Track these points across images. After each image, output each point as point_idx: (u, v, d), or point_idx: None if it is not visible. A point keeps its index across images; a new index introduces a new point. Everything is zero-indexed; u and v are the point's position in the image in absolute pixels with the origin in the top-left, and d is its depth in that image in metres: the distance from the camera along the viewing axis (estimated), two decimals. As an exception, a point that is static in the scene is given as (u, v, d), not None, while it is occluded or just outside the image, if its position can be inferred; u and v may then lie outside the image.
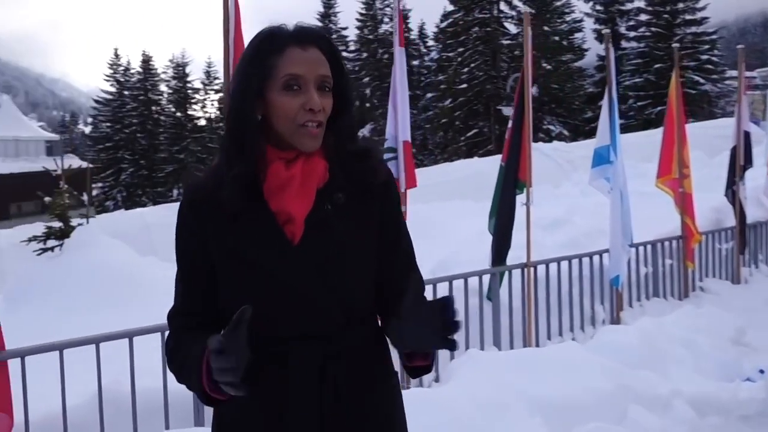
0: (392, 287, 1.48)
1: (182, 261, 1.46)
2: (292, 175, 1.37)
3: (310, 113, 1.36)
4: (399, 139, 4.04)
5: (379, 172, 1.49)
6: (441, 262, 6.58)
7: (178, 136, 49.83)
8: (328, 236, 1.40)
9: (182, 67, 51.73)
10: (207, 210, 1.40)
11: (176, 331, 1.46)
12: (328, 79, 1.39)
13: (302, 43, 1.38)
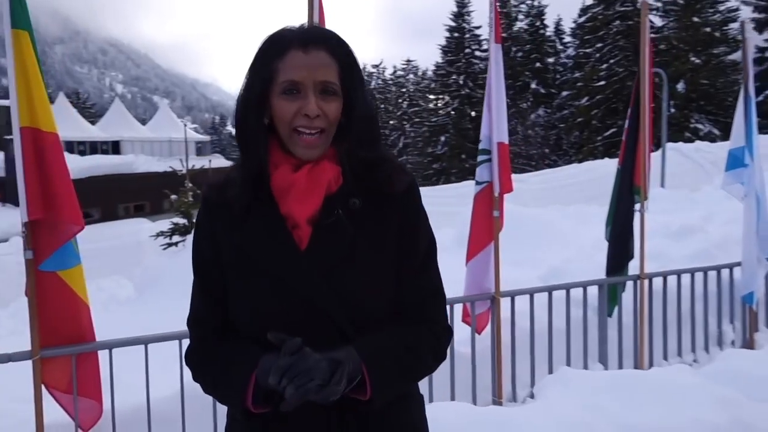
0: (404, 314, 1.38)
1: (198, 266, 1.44)
2: (296, 179, 1.34)
3: (306, 119, 1.31)
4: (493, 141, 3.84)
5: (396, 181, 1.39)
6: (553, 269, 6.26)
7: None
8: (337, 242, 1.33)
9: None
10: (218, 211, 1.39)
11: (201, 341, 1.42)
12: (330, 84, 1.33)
13: (305, 46, 1.33)
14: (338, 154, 1.36)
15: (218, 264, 1.40)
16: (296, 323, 1.29)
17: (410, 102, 52.43)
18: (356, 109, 1.36)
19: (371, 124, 1.40)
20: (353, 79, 1.37)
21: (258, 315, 1.33)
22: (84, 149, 38.08)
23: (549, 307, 4.23)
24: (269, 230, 1.35)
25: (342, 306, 1.31)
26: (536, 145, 38.93)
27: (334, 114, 1.33)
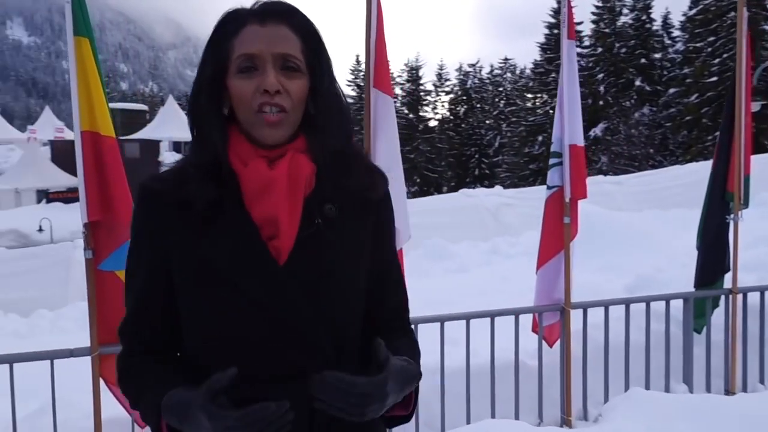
0: (378, 320, 1.29)
1: (134, 277, 1.26)
2: (275, 177, 1.15)
3: (266, 95, 1.15)
4: (565, 143, 3.62)
5: (372, 188, 1.26)
6: (640, 277, 5.89)
7: (409, 136, 51.91)
8: (318, 256, 1.19)
9: (416, 70, 53.77)
10: (168, 212, 1.19)
11: (128, 355, 1.27)
12: (292, 58, 1.18)
13: (263, 19, 1.19)
14: (310, 146, 1.20)
15: (162, 276, 1.21)
16: (271, 351, 1.17)
17: (507, 101, 51.47)
18: (323, 92, 1.21)
19: (341, 113, 1.24)
20: (319, 58, 1.21)
21: (223, 338, 1.17)
22: (190, 149, 40.02)
23: (626, 320, 3.95)
24: (241, 241, 1.17)
25: (321, 325, 1.19)
26: (639, 145, 37.15)
27: (297, 92, 1.18)
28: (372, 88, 3.16)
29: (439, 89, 54.47)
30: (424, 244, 9.42)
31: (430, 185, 48.43)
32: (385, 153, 3.18)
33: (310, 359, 1.18)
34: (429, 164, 51.34)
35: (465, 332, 3.57)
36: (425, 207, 12.54)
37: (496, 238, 9.63)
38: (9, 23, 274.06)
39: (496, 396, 3.60)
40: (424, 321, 3.48)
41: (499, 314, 3.67)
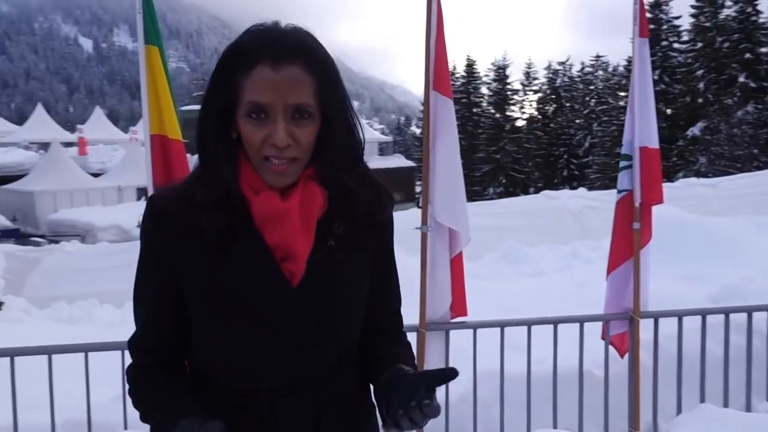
0: (378, 332, 1.36)
1: (145, 289, 1.27)
2: (287, 209, 1.18)
3: (274, 149, 1.14)
4: (635, 145, 3.47)
5: (379, 211, 1.29)
6: (726, 287, 5.56)
7: (495, 136, 51.27)
8: (331, 278, 1.24)
9: (503, 69, 53.01)
10: (181, 230, 1.21)
11: (141, 372, 1.29)
12: (305, 106, 1.15)
13: (276, 61, 1.13)
14: (321, 176, 1.22)
15: (171, 293, 1.24)
16: (281, 366, 1.22)
17: (598, 100, 49.78)
18: (336, 128, 1.20)
19: (353, 143, 1.25)
20: (333, 96, 1.19)
21: (241, 359, 1.21)
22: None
23: (702, 331, 3.74)
24: (255, 264, 1.19)
25: (328, 341, 1.24)
26: (742, 146, 35.00)
27: (307, 140, 1.17)
28: (432, 91, 3.15)
29: (526, 88, 53.44)
30: (501, 247, 9.28)
31: (516, 186, 47.59)
32: (444, 156, 3.16)
33: (314, 372, 1.24)
34: (515, 165, 50.46)
35: (526, 338, 3.50)
36: (504, 209, 12.35)
37: (577, 242, 9.34)
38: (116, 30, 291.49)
39: (558, 405, 3.51)
40: (484, 326, 3.44)
41: (563, 321, 3.57)
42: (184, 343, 1.28)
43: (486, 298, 6.55)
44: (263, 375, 1.22)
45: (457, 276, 3.29)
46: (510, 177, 50.17)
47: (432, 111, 3.17)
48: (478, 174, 51.19)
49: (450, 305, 3.30)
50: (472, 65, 53.68)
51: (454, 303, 3.32)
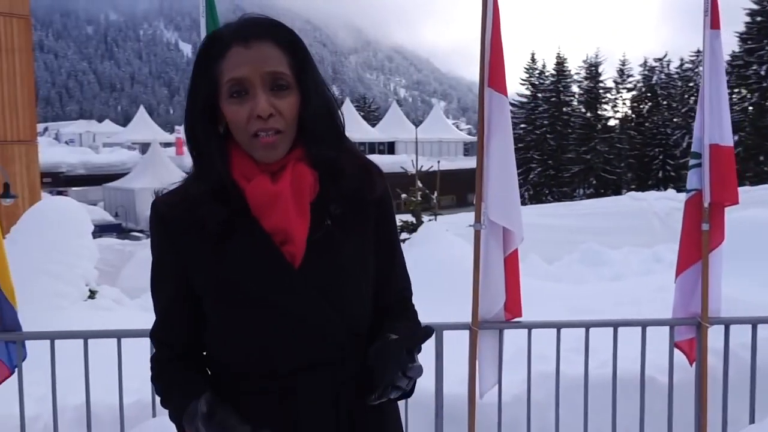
0: (386, 307, 1.39)
1: (159, 288, 1.35)
2: (280, 190, 1.23)
3: (260, 121, 1.19)
4: (705, 143, 3.30)
5: (370, 188, 1.32)
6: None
7: (586, 136, 49.73)
8: (331, 256, 1.28)
9: (595, 66, 51.34)
10: (183, 230, 1.27)
11: (160, 363, 1.38)
12: (280, 75, 1.21)
13: (246, 40, 1.21)
14: (309, 156, 1.25)
15: (183, 289, 1.30)
16: (296, 347, 1.26)
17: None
18: (314, 101, 1.24)
19: (332, 118, 1.28)
20: (306, 68, 1.24)
21: (254, 345, 1.26)
22: (364, 149, 41.84)
23: (779, 341, 3.52)
24: (257, 250, 1.24)
25: (340, 320, 1.28)
26: None
27: (290, 110, 1.22)
28: (486, 87, 3.13)
29: (620, 86, 51.49)
30: (580, 249, 9.05)
31: (607, 187, 45.97)
32: (498, 153, 3.13)
33: (329, 350, 1.28)
34: (606, 165, 48.76)
35: (584, 340, 3.40)
36: (587, 210, 12.01)
37: (660, 246, 8.97)
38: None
39: (618, 411, 3.39)
40: (540, 326, 3.38)
41: (624, 324, 3.45)
42: (200, 334, 1.34)
43: (559, 301, 6.41)
44: (279, 357, 1.26)
45: (512, 276, 3.25)
46: (601, 178, 48.53)
47: (486, 108, 3.15)
48: (567, 175, 49.84)
49: (504, 305, 3.26)
50: (563, 63, 52.29)
51: (509, 303, 3.27)
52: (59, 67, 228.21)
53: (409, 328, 1.35)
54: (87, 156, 39.97)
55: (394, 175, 23.70)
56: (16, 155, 14.01)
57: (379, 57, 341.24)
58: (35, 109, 14.71)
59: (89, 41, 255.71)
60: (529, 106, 52.06)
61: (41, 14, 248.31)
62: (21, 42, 13.96)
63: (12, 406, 3.18)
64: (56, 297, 6.20)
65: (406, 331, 1.29)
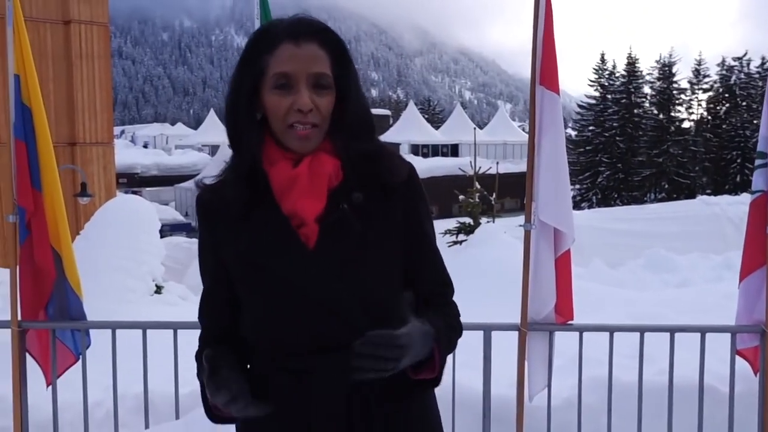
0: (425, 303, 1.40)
1: (203, 274, 1.45)
2: (297, 174, 1.31)
3: (299, 114, 1.29)
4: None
5: (396, 172, 1.35)
6: None
7: (658, 139, 48.17)
8: (345, 238, 1.32)
9: (668, 67, 49.67)
10: (216, 213, 1.37)
11: (200, 340, 1.47)
12: (323, 76, 1.30)
13: (296, 39, 1.30)
14: (335, 147, 1.33)
15: (221, 271, 1.38)
16: (311, 327, 1.30)
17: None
18: (350, 101, 1.33)
19: (365, 116, 1.36)
20: (346, 71, 1.33)
21: (271, 322, 1.32)
22: (427, 152, 41.77)
23: None
24: (274, 231, 1.32)
25: (355, 303, 1.31)
26: None
27: (326, 108, 1.31)
28: (538, 86, 3.09)
29: (695, 87, 49.63)
30: (645, 254, 8.77)
31: (680, 192, 44.35)
32: (549, 153, 3.08)
33: (346, 333, 1.30)
34: (680, 169, 47.08)
35: (639, 346, 3.31)
36: (655, 214, 11.62)
37: (732, 252, 8.58)
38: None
39: (674, 420, 3.28)
40: (592, 329, 3.30)
41: (681, 330, 3.33)
42: (236, 317, 1.41)
43: (619, 307, 6.25)
44: (296, 336, 1.31)
45: (563, 277, 3.19)
46: (674, 182, 46.89)
47: (538, 106, 3.10)
48: (638, 179, 48.38)
49: (555, 307, 3.21)
50: (634, 63, 50.80)
51: (560, 306, 3.21)
52: (136, 73, 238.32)
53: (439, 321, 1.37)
54: (160, 157, 41.58)
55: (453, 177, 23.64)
56: (94, 156, 14.70)
57: (445, 59, 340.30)
58: (112, 113, 15.38)
59: (164, 47, 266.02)
60: (597, 107, 50.80)
61: (120, 22, 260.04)
62: (100, 49, 14.65)
63: (79, 393, 3.35)
64: (125, 291, 6.49)
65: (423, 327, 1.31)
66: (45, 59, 13.82)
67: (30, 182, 3.10)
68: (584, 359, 3.31)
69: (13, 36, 3.06)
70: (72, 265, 3.23)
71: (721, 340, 3.39)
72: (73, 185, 13.38)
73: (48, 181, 3.13)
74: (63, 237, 3.16)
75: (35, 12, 13.59)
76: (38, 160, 3.11)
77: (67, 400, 3.46)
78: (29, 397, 3.30)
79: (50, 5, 13.87)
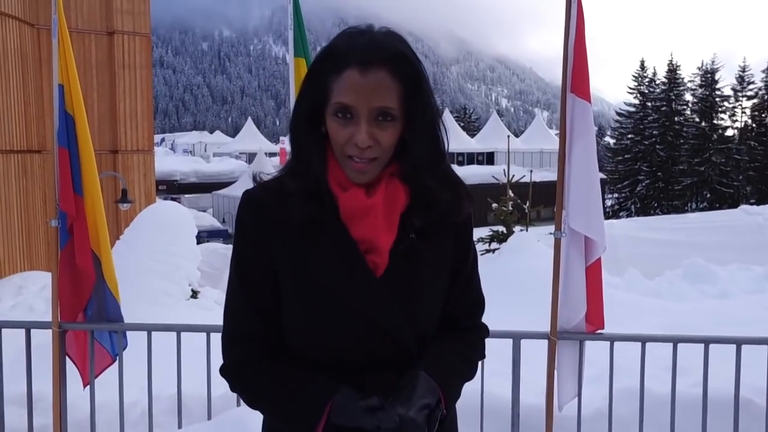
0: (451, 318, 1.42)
1: (245, 276, 1.34)
2: (373, 204, 1.27)
3: (357, 148, 1.24)
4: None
5: (460, 208, 1.36)
6: None
7: (700, 147, 47.15)
8: (413, 268, 1.33)
9: (711, 73, 48.63)
10: (275, 221, 1.31)
11: (248, 358, 1.34)
12: (388, 109, 1.23)
13: (364, 66, 1.22)
14: (403, 173, 1.30)
15: (271, 278, 1.32)
16: (366, 350, 1.32)
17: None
18: (418, 131, 1.27)
19: (435, 143, 1.31)
20: (417, 100, 1.26)
21: (329, 342, 1.31)
22: (462, 160, 41.62)
23: None
24: (342, 255, 1.29)
25: (410, 329, 1.33)
26: None
27: (387, 142, 1.25)
28: (569, 93, 3.08)
29: (739, 94, 48.46)
30: (683, 264, 8.59)
31: (723, 201, 43.27)
32: (580, 161, 3.07)
33: (395, 353, 1.34)
34: (723, 178, 45.97)
35: (672, 357, 3.25)
36: (695, 223, 11.36)
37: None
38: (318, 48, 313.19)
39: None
40: (623, 339, 3.27)
41: (716, 341, 3.26)
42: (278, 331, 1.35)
43: (656, 318, 6.13)
44: (349, 354, 1.32)
45: (594, 286, 3.16)
46: (716, 191, 45.80)
47: (569, 114, 3.09)
48: (678, 188, 47.40)
49: (585, 316, 3.18)
50: (675, 70, 49.85)
51: (590, 314, 3.19)
52: (177, 82, 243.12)
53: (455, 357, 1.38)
54: (198, 165, 42.29)
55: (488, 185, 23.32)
56: (134, 164, 15.05)
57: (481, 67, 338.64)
58: (153, 122, 15.74)
59: (204, 57, 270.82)
60: (637, 115, 49.96)
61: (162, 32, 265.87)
62: (142, 59, 15.02)
63: (115, 393, 3.44)
64: (162, 295, 6.63)
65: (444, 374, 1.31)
66: (89, 69, 14.22)
67: (72, 188, 3.21)
68: (617, 369, 3.28)
69: (58, 47, 3.18)
70: (110, 268, 3.33)
71: (760, 352, 3.31)
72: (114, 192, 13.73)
73: (89, 187, 3.24)
74: (102, 241, 3.26)
75: (81, 23, 14.00)
76: (80, 166, 3.22)
77: (104, 399, 3.55)
78: (68, 396, 3.41)
79: (95, 17, 14.28)
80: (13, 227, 12.22)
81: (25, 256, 12.60)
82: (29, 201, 12.66)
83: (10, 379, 3.51)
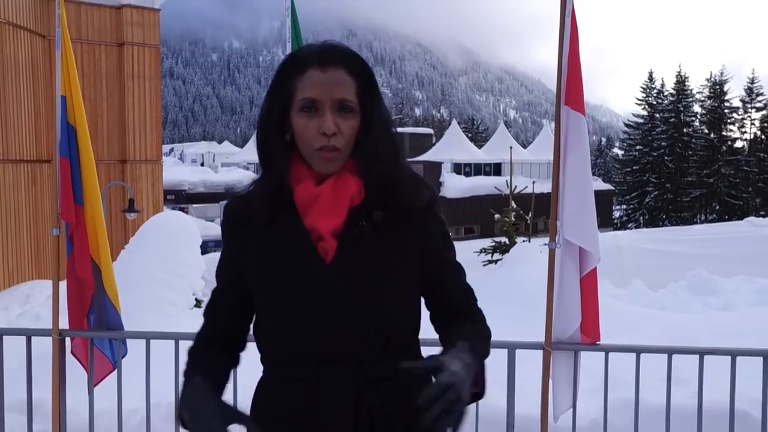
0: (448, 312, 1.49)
1: (217, 278, 1.51)
2: (320, 191, 1.37)
3: (324, 137, 1.35)
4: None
5: (414, 195, 1.41)
6: None
7: (708, 159, 47.04)
8: (363, 254, 1.37)
9: (719, 85, 48.58)
10: (241, 223, 1.44)
11: (198, 339, 1.52)
12: (348, 101, 1.36)
13: (324, 65, 1.36)
14: (359, 167, 1.39)
15: (236, 280, 1.45)
16: (322, 338, 1.35)
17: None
18: (374, 125, 1.39)
19: (389, 139, 1.42)
20: (372, 96, 1.40)
21: (284, 330, 1.38)
22: (469, 170, 41.61)
23: None
24: (293, 243, 1.38)
25: (368, 318, 1.35)
26: None
27: (349, 131, 1.37)
28: (563, 106, 3.11)
29: (748, 105, 48.39)
30: (688, 276, 8.56)
31: (732, 213, 43.06)
32: (574, 172, 3.09)
33: (357, 347, 1.36)
34: (732, 190, 45.80)
35: (666, 368, 3.26)
36: (700, 235, 11.33)
37: (780, 275, 8.32)
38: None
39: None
40: (618, 350, 3.27)
41: (711, 352, 3.26)
42: (241, 325, 1.50)
43: (657, 329, 6.12)
44: (307, 346, 1.37)
45: (589, 297, 3.17)
46: (725, 203, 45.62)
47: (563, 126, 3.12)
48: (687, 199, 47.26)
49: (580, 327, 3.19)
50: (684, 81, 49.82)
51: (586, 326, 3.19)
52: (186, 92, 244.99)
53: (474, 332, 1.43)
54: (206, 175, 42.50)
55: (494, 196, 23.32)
56: (143, 173, 15.19)
57: (489, 78, 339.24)
58: (161, 132, 15.88)
59: (213, 68, 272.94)
60: (645, 127, 49.92)
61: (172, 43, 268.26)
62: (151, 70, 15.18)
63: (114, 400, 3.47)
64: (165, 304, 6.67)
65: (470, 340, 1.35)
66: (99, 80, 14.40)
67: (72, 198, 3.26)
68: (613, 381, 3.28)
69: (61, 59, 3.24)
70: (110, 277, 3.37)
71: (756, 363, 3.31)
72: (122, 201, 13.84)
73: (89, 196, 3.29)
74: (102, 250, 3.31)
75: (91, 35, 14.19)
76: (81, 176, 3.28)
77: (103, 406, 3.59)
78: (67, 403, 3.44)
79: (105, 28, 14.47)
80: (22, 236, 12.34)
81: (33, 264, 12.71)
82: (38, 210, 12.78)
83: (13, 386, 3.55)
